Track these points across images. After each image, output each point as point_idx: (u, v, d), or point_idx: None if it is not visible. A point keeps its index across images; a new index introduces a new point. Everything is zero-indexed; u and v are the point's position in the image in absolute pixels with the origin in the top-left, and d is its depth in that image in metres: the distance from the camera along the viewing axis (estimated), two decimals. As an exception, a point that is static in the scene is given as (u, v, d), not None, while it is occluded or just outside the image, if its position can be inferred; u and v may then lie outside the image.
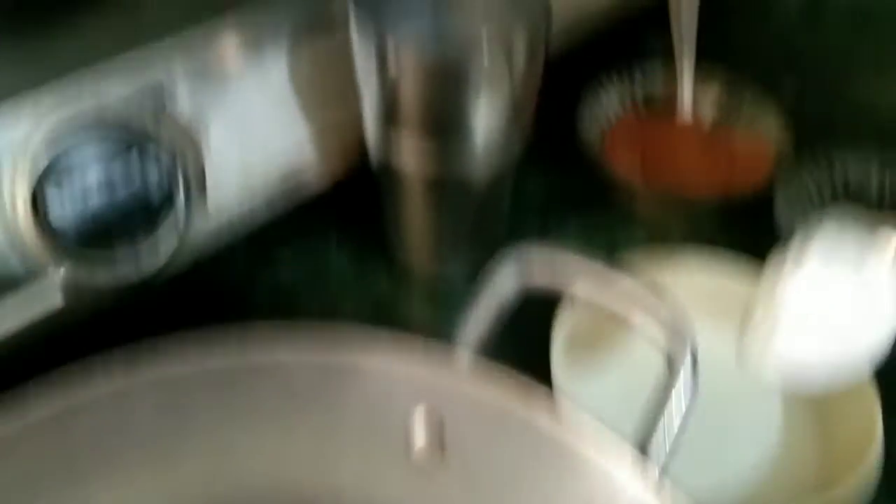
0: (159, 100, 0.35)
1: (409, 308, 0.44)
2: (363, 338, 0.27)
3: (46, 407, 0.26)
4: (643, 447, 0.25)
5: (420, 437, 0.27)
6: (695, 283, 0.40)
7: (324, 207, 0.45)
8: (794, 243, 0.34)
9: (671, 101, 0.51)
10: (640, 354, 0.37)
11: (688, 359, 0.26)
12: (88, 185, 0.34)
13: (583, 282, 0.28)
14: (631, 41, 0.59)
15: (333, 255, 0.47)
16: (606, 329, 0.38)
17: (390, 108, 0.36)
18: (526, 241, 0.44)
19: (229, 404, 0.28)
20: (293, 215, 0.43)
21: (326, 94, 0.41)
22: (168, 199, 0.36)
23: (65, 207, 0.33)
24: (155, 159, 0.35)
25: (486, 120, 0.36)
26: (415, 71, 0.34)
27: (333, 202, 0.45)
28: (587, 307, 0.38)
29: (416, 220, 0.42)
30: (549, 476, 0.25)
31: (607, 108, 0.50)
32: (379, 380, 0.27)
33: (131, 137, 0.34)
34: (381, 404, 0.27)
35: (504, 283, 0.28)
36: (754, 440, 0.36)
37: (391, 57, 0.34)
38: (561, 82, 0.51)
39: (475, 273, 0.31)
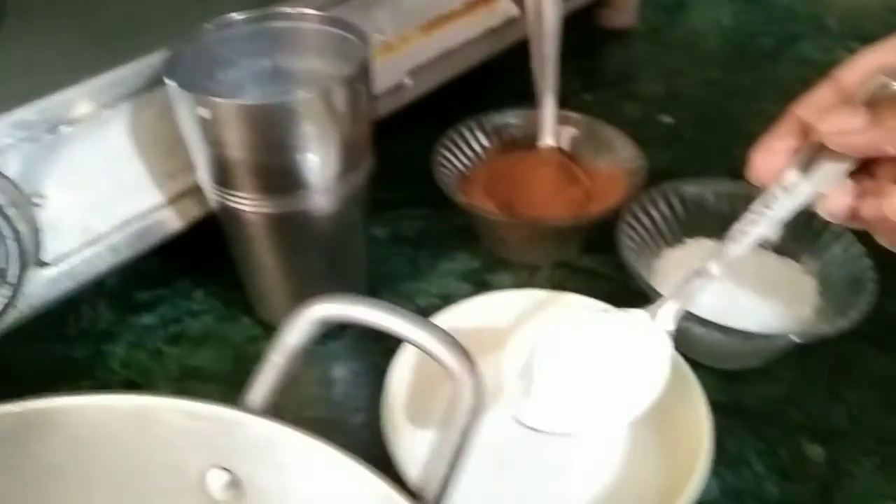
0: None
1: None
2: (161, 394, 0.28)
3: None
4: (424, 478, 0.25)
5: (216, 480, 0.27)
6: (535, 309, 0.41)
7: (184, 252, 0.46)
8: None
9: (532, 135, 0.52)
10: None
11: (472, 389, 0.26)
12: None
13: (374, 318, 0.28)
14: (493, 82, 0.61)
15: (195, 303, 0.47)
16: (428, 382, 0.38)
17: (218, 158, 0.36)
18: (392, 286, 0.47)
19: (16, 466, 0.27)
20: (154, 259, 0.43)
21: (170, 141, 0.41)
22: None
23: None
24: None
25: (319, 160, 0.36)
26: (234, 121, 0.35)
27: (193, 246, 0.45)
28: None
29: (264, 265, 0.42)
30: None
31: (468, 145, 0.51)
32: (169, 426, 0.27)
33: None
34: (176, 449, 0.27)
35: (298, 327, 0.29)
36: (597, 471, 0.37)
37: (209, 111, 0.34)
38: (423, 121, 0.53)
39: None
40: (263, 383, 0.28)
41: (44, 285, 0.39)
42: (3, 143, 0.36)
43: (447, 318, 0.40)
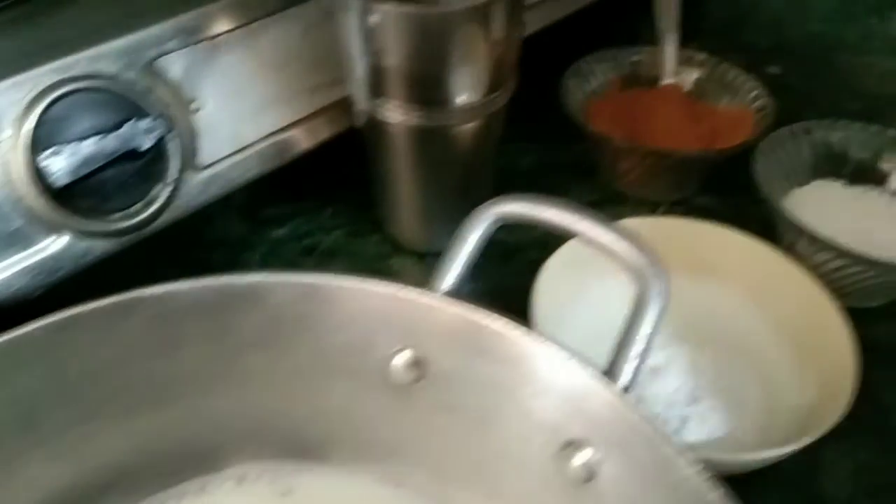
0: (153, 67, 0.37)
1: (398, 273, 0.45)
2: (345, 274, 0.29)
3: (44, 338, 0.27)
4: (611, 366, 0.26)
5: (400, 361, 0.29)
6: (671, 238, 0.41)
7: (314, 170, 0.47)
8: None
9: (654, 74, 0.52)
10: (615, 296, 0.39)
11: (660, 284, 0.27)
12: (86, 148, 0.35)
13: (558, 218, 0.29)
14: (616, 16, 0.60)
15: (326, 220, 0.48)
16: (583, 275, 0.39)
17: (376, 67, 0.37)
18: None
19: (218, 335, 0.29)
20: (285, 176, 0.45)
21: (313, 57, 0.42)
22: (160, 159, 0.38)
23: (63, 170, 0.35)
24: (144, 123, 0.37)
25: (471, 74, 0.37)
26: (398, 29, 0.36)
27: (324, 165, 0.46)
28: (565, 260, 0.39)
29: (403, 180, 0.43)
30: (523, 389, 0.27)
31: (591, 79, 0.51)
32: (362, 305, 0.28)
33: (126, 103, 0.36)
34: (363, 329, 0.28)
35: (482, 220, 0.30)
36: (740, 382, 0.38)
37: (374, 18, 0.35)
38: (547, 53, 0.53)
39: None
40: (447, 273, 0.29)
41: (198, 188, 0.40)
42: (167, 48, 0.37)
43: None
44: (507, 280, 0.41)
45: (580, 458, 0.26)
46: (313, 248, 0.46)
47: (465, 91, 0.38)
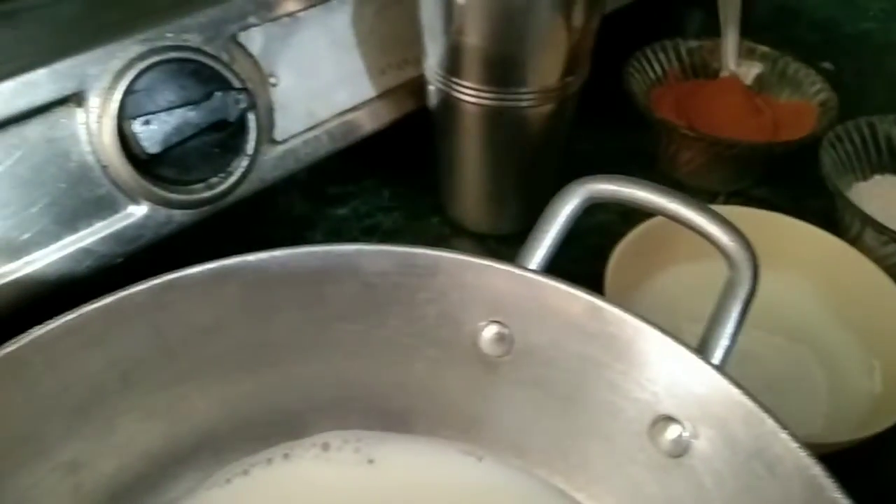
0: (235, 41, 0.37)
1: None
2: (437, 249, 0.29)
3: (146, 301, 0.27)
4: (702, 345, 0.27)
5: (489, 334, 0.29)
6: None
7: (373, 152, 0.47)
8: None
9: (714, 65, 0.52)
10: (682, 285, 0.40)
11: (751, 266, 0.27)
12: (169, 119, 0.36)
13: (651, 198, 0.29)
14: (674, 6, 0.60)
15: (386, 201, 0.49)
16: (656, 257, 0.40)
17: (455, 46, 0.38)
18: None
19: (312, 305, 0.29)
20: (344, 156, 0.45)
21: (384, 37, 0.43)
22: (240, 132, 0.38)
23: (146, 139, 0.35)
24: (230, 95, 0.37)
25: (550, 56, 0.38)
26: (482, 9, 0.36)
27: (381, 147, 0.47)
28: (639, 239, 0.40)
29: (471, 161, 0.43)
30: (614, 365, 0.27)
31: (652, 69, 0.52)
32: (453, 280, 0.29)
33: (212, 75, 0.36)
34: (455, 302, 0.29)
35: (571, 198, 0.30)
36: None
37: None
38: (606, 41, 0.53)
39: (522, 228, 0.32)
40: (536, 249, 0.29)
41: (272, 163, 0.41)
42: (249, 22, 0.38)
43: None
44: (567, 266, 0.42)
45: (672, 433, 0.26)
46: (375, 228, 0.47)
47: (542, 73, 0.38)
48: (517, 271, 0.28)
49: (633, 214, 0.46)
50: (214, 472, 0.30)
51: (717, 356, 0.26)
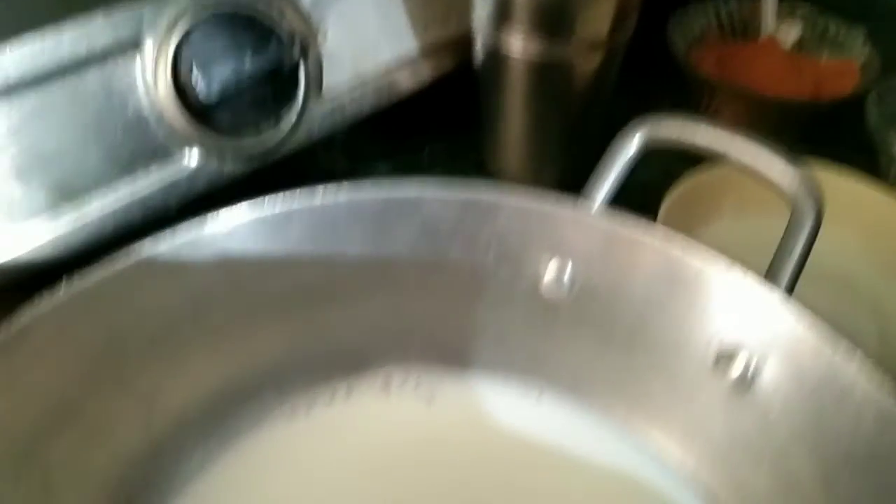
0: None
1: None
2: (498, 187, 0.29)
3: (217, 241, 0.28)
4: (769, 274, 0.27)
5: (551, 274, 0.29)
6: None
7: (411, 110, 0.47)
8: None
9: (755, 25, 0.52)
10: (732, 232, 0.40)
11: (815, 203, 0.27)
12: (223, 69, 0.36)
13: (712, 139, 0.29)
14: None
15: (425, 158, 0.49)
16: (714, 196, 0.40)
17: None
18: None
19: (374, 245, 0.30)
20: (384, 114, 0.45)
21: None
22: (291, 84, 0.39)
23: (201, 88, 0.35)
24: (280, 49, 0.37)
25: (599, 6, 0.38)
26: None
27: (418, 106, 0.47)
28: (682, 196, 0.40)
29: (516, 115, 0.43)
30: (678, 302, 0.27)
31: (692, 28, 0.51)
32: (514, 218, 0.29)
33: (261, 29, 0.37)
34: (516, 242, 0.29)
35: (632, 139, 0.30)
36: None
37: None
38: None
39: (564, 184, 0.32)
40: (598, 192, 0.30)
41: (320, 116, 0.41)
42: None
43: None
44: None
45: (737, 367, 0.27)
46: (418, 185, 0.47)
47: (592, 23, 0.38)
48: (577, 212, 0.28)
49: (675, 171, 0.47)
50: (277, 407, 0.30)
51: (783, 287, 0.26)
